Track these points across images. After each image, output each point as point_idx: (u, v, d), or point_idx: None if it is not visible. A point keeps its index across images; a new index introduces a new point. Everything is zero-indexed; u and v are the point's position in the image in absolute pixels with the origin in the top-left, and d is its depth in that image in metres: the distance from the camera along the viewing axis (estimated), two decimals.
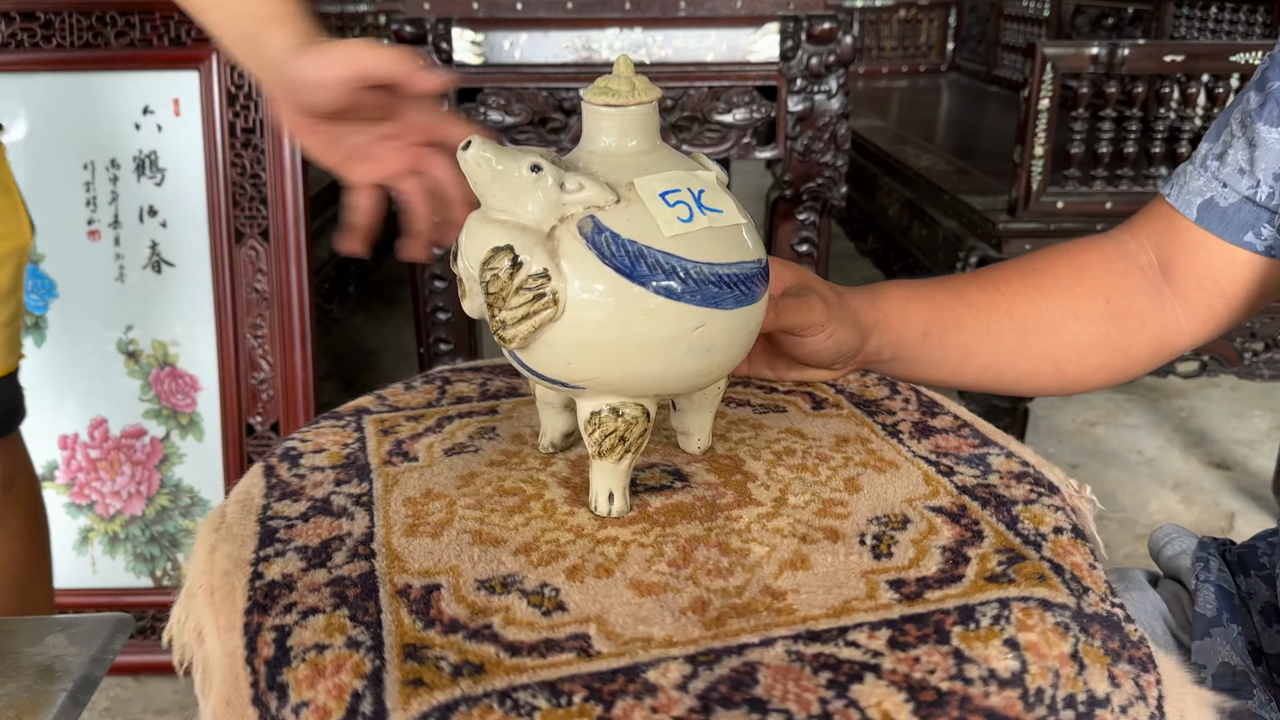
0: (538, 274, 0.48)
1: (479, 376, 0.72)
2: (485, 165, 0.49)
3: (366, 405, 0.67)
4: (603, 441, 0.53)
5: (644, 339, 0.50)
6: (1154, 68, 1.39)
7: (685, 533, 0.54)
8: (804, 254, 1.52)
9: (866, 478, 0.61)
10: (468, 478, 0.58)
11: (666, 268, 0.49)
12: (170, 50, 1.26)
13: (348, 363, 2.34)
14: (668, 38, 1.41)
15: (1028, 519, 0.57)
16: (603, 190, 0.49)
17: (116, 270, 1.29)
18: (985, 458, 0.64)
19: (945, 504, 0.58)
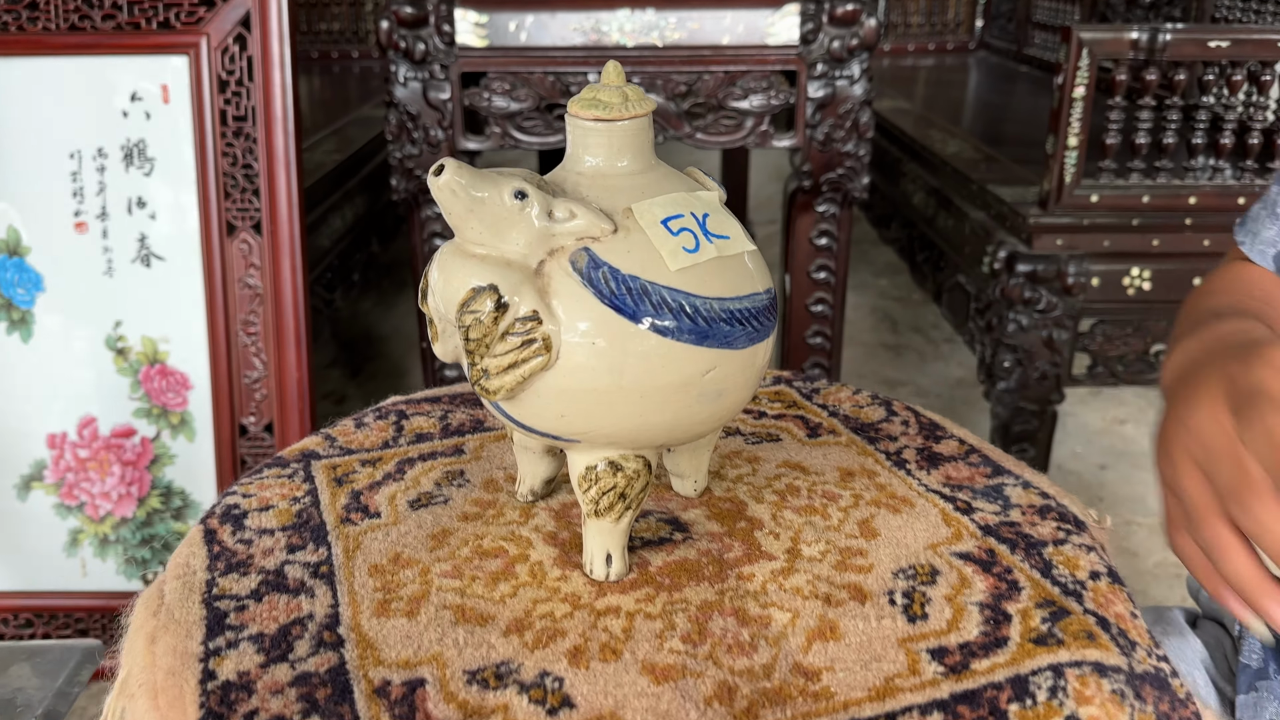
0: (526, 317, 0.42)
1: (438, 408, 0.67)
2: (461, 193, 0.42)
3: (314, 448, 0.61)
4: (600, 499, 0.47)
5: (648, 387, 0.44)
6: (1197, 54, 1.31)
7: (695, 598, 0.48)
8: (823, 247, 1.45)
9: (882, 519, 0.55)
10: (440, 537, 0.52)
11: (673, 306, 0.43)
12: (159, 34, 1.20)
13: (355, 349, 2.29)
14: (681, 20, 1.34)
15: (1061, 563, 0.53)
16: (597, 218, 0.43)
17: (104, 264, 1.24)
18: (1002, 489, 0.60)
19: (972, 549, 0.53)
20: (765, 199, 3.35)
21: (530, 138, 1.37)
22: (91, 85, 1.21)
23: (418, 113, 1.36)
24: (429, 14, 1.32)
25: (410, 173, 1.40)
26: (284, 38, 1.19)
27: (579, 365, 0.43)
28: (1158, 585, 1.49)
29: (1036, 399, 1.45)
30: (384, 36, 1.33)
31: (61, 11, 1.20)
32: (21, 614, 1.28)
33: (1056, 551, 0.54)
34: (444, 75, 1.35)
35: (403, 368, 2.19)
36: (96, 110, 1.21)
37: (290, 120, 1.21)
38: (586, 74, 1.34)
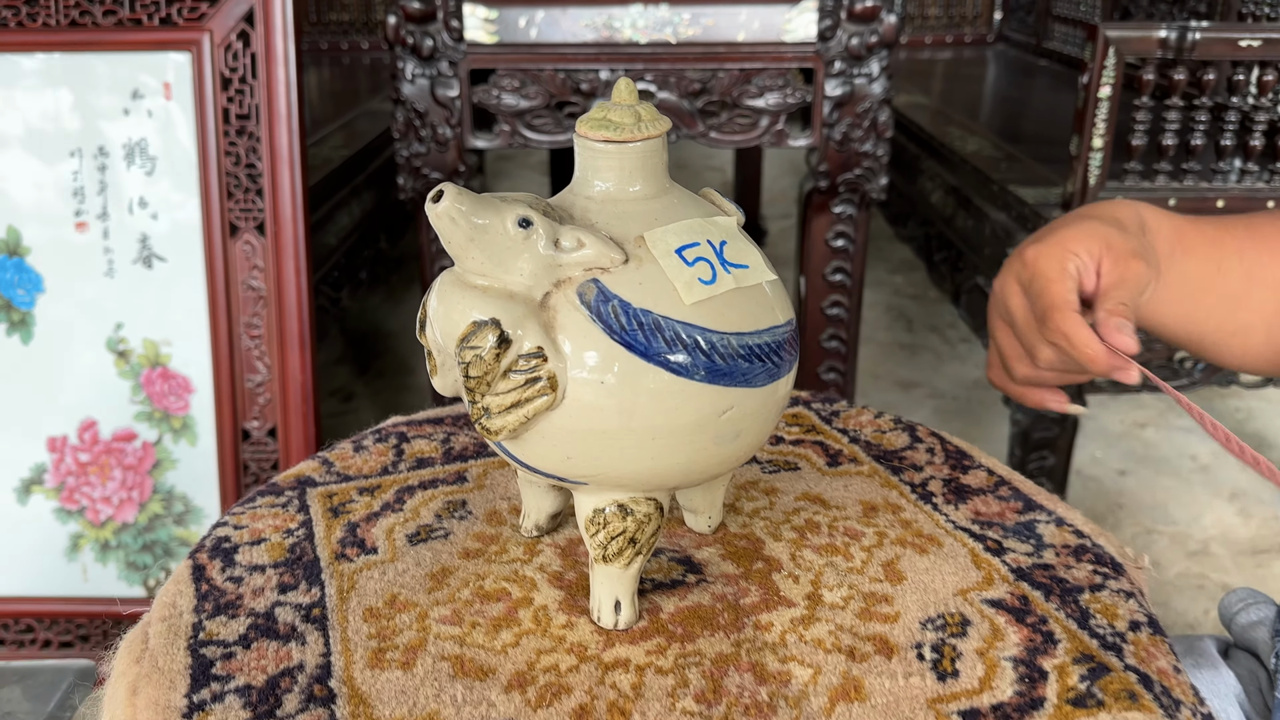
0: (530, 353, 0.40)
1: (440, 430, 0.64)
2: (461, 220, 0.39)
3: (310, 474, 0.58)
4: (608, 544, 0.44)
5: (661, 428, 0.41)
6: (1228, 53, 1.27)
7: (709, 650, 0.45)
8: (839, 249, 1.42)
9: (908, 561, 0.52)
10: (439, 576, 0.49)
11: (688, 342, 0.40)
12: (161, 30, 1.17)
13: (362, 346, 2.26)
14: (696, 15, 1.31)
15: (1099, 611, 0.49)
16: (607, 247, 0.40)
17: (106, 264, 1.21)
18: (1034, 526, 0.56)
19: (1004, 596, 0.50)
20: (779, 193, 3.32)
21: (540, 136, 1.34)
22: (92, 82, 1.18)
23: (425, 110, 1.33)
24: (437, 9, 1.29)
25: (417, 171, 1.37)
26: (288, 34, 1.17)
27: (587, 405, 0.40)
28: (1180, 597, 1.46)
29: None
30: (391, 32, 1.30)
31: (62, 7, 1.17)
32: (22, 619, 1.26)
33: (1094, 598, 0.51)
34: (452, 72, 1.32)
35: (410, 364, 2.17)
36: (97, 108, 1.19)
37: (295, 118, 1.18)
38: (598, 71, 1.31)
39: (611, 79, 1.31)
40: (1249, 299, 0.65)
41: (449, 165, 1.36)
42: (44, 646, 1.26)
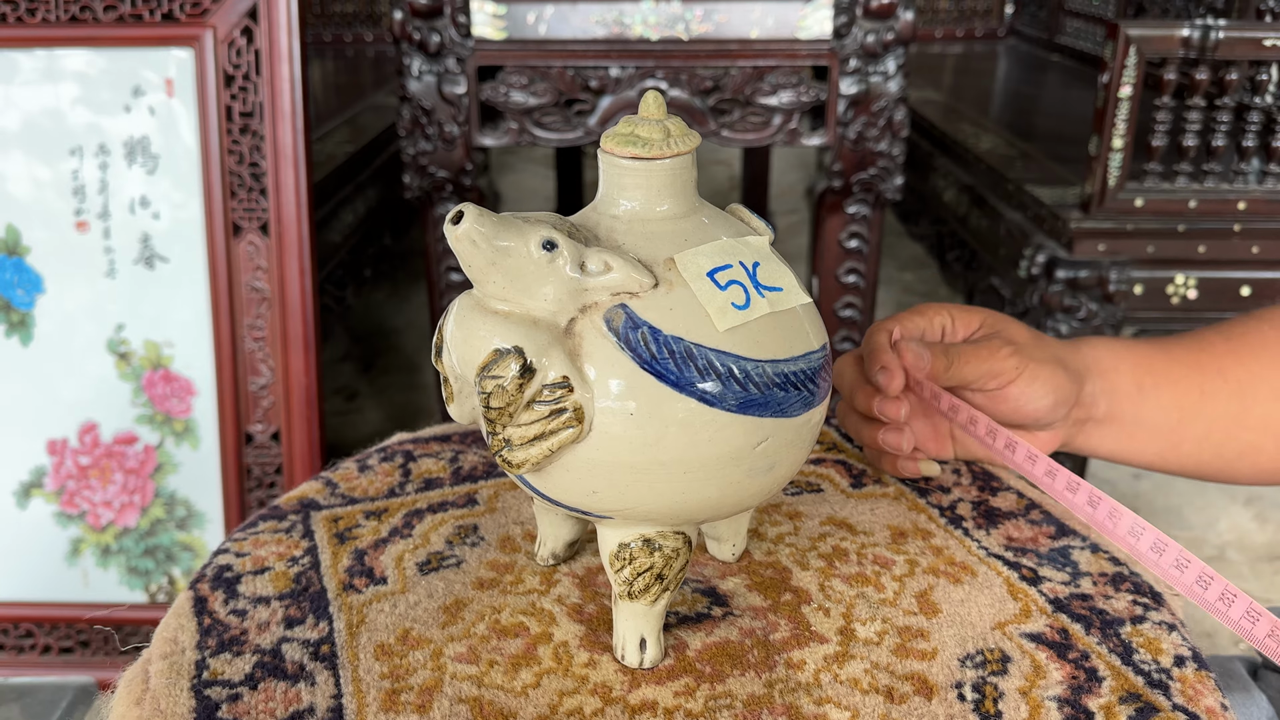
0: (555, 383, 0.37)
1: (448, 449, 0.61)
2: (483, 243, 0.37)
3: (314, 496, 0.56)
4: (634, 581, 0.42)
5: (692, 461, 0.38)
6: (1251, 52, 1.24)
7: (740, 691, 0.43)
8: (853, 250, 1.39)
9: (942, 591, 0.50)
10: (453, 609, 0.47)
11: (722, 371, 0.38)
12: (163, 26, 1.15)
13: (367, 343, 2.24)
14: (708, 12, 1.28)
15: (1141, 645, 0.48)
16: (635, 271, 0.38)
17: (106, 264, 1.19)
18: (1068, 553, 0.54)
19: (1043, 629, 0.48)
20: (786, 187, 3.29)
21: (549, 134, 1.32)
22: (93, 79, 1.16)
23: (432, 107, 1.31)
24: (444, 4, 1.26)
25: (424, 169, 1.34)
26: (293, 30, 1.14)
27: (614, 438, 0.38)
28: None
29: None
30: (397, 28, 1.27)
31: (62, 3, 1.15)
32: (22, 624, 1.24)
33: (1135, 631, 0.48)
34: (460, 69, 1.29)
35: (415, 362, 2.15)
36: (98, 105, 1.16)
37: (299, 116, 1.15)
38: (608, 68, 1.29)
39: (622, 76, 1.29)
40: (1247, 417, 0.62)
41: (456, 163, 1.34)
42: (44, 652, 1.24)
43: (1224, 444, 0.62)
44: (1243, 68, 1.28)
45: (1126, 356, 0.62)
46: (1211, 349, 0.63)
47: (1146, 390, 0.61)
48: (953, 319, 0.60)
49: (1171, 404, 0.61)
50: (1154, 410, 0.61)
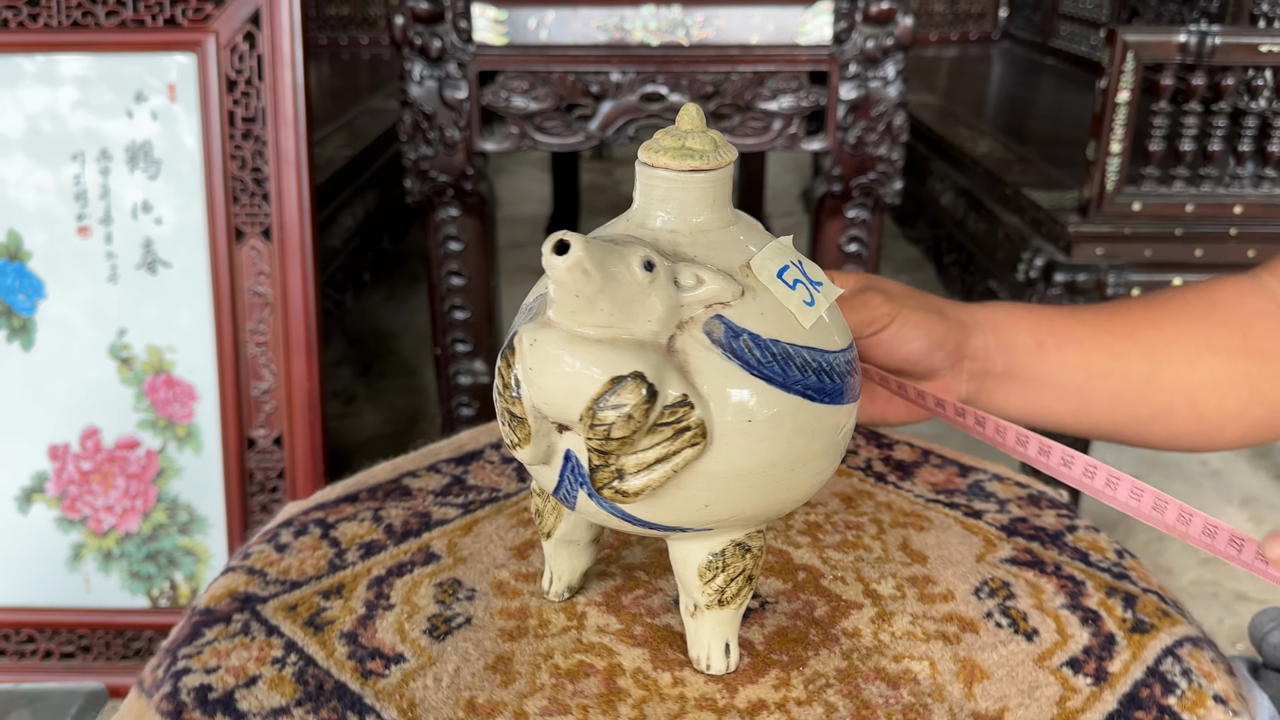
0: (676, 403, 0.36)
1: (364, 508, 0.57)
2: (595, 271, 0.35)
3: (245, 589, 0.50)
4: (727, 587, 0.42)
5: (798, 458, 0.39)
6: (1248, 58, 1.25)
7: (826, 669, 0.45)
8: (852, 254, 1.40)
9: (918, 540, 0.55)
10: (501, 665, 0.45)
11: (815, 366, 0.39)
12: (165, 31, 1.15)
13: (364, 346, 2.24)
14: (709, 17, 1.29)
15: (1090, 549, 0.55)
16: (726, 282, 0.38)
17: (108, 269, 1.19)
18: (982, 486, 0.61)
19: (1014, 554, 0.54)
20: (781, 190, 3.30)
21: (550, 139, 1.32)
22: (95, 84, 1.16)
23: (433, 112, 1.31)
24: (446, 10, 1.26)
25: (425, 174, 1.35)
26: (295, 35, 1.14)
27: (732, 447, 0.38)
28: (1193, 604, 1.45)
29: None
30: (399, 33, 1.28)
31: (64, 8, 1.15)
32: (23, 629, 1.24)
33: (1077, 539, 0.55)
34: (461, 74, 1.29)
35: (413, 365, 2.15)
36: (100, 110, 1.16)
37: (302, 122, 1.15)
38: (609, 73, 1.29)
39: (623, 81, 1.29)
40: (1159, 379, 0.62)
41: (457, 168, 1.34)
42: (45, 658, 1.24)
43: (1136, 405, 0.63)
44: (1238, 73, 1.29)
45: (1026, 316, 0.63)
46: (1126, 314, 0.64)
47: (1048, 349, 0.61)
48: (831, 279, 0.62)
49: (1077, 364, 0.62)
50: (1057, 369, 0.62)
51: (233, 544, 1.23)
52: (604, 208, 3.18)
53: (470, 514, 0.57)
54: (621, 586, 0.50)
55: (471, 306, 1.44)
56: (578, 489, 0.40)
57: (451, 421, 1.48)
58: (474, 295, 1.43)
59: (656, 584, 0.50)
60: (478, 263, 1.42)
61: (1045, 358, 0.62)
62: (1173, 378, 0.62)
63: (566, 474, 0.40)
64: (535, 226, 2.95)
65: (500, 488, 0.59)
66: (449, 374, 1.48)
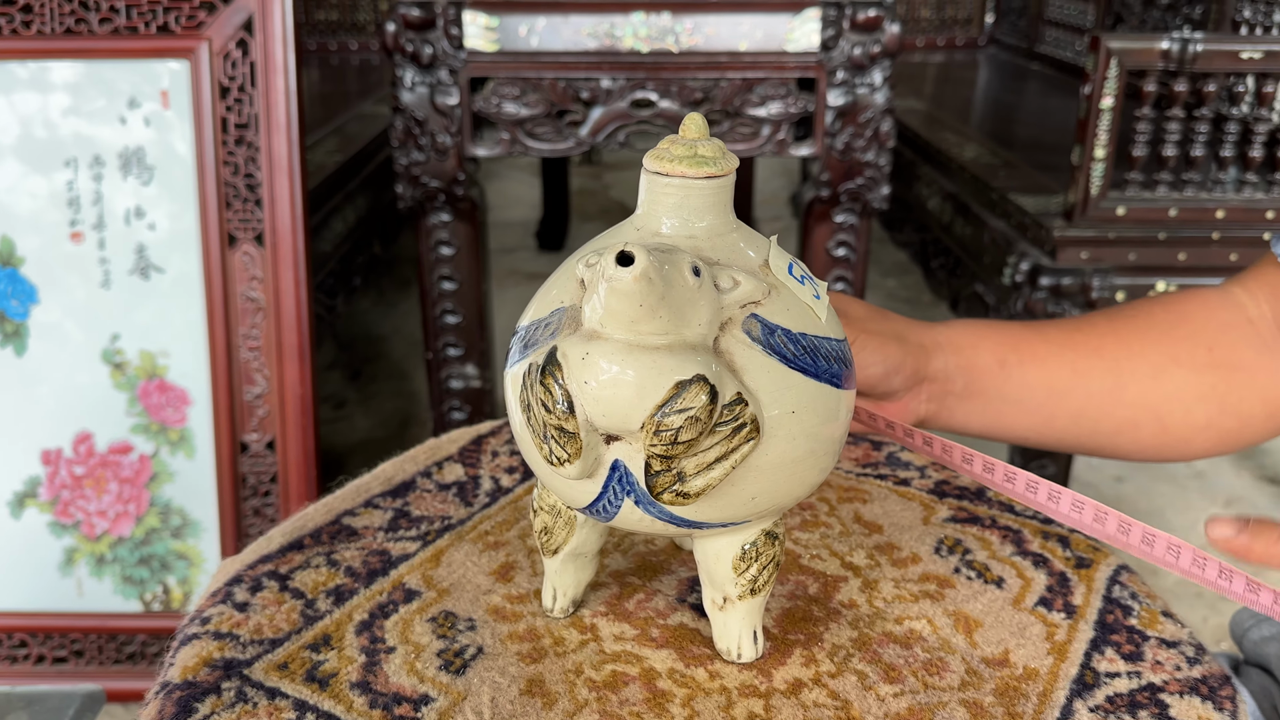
0: (733, 401, 0.37)
1: (314, 555, 0.55)
2: (658, 280, 0.36)
3: (221, 655, 0.48)
4: (759, 576, 0.44)
5: (832, 440, 0.42)
6: (1229, 65, 1.27)
7: (842, 640, 0.48)
8: (840, 258, 1.41)
9: (867, 510, 0.59)
10: (536, 689, 0.45)
11: (834, 355, 0.42)
12: (158, 38, 1.16)
13: (354, 351, 2.24)
14: (698, 24, 1.30)
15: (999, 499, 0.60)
16: (758, 282, 0.40)
17: (101, 275, 1.19)
18: (898, 458, 0.65)
19: (950, 513, 0.59)
20: (769, 195, 3.32)
21: (540, 144, 1.33)
22: (88, 91, 1.17)
23: (424, 118, 1.32)
24: (437, 17, 1.27)
25: (416, 180, 1.35)
26: (288, 42, 1.15)
27: (779, 439, 0.39)
28: (1178, 604, 1.46)
29: None
30: (390, 40, 1.29)
31: (57, 15, 1.15)
32: (15, 634, 1.24)
33: (996, 495, 0.61)
34: (452, 80, 1.30)
35: (403, 370, 2.15)
36: (93, 117, 1.17)
37: (294, 127, 1.16)
38: (599, 79, 1.30)
39: (613, 87, 1.31)
40: (1123, 394, 0.63)
41: (448, 173, 1.35)
42: (38, 662, 1.24)
43: (1100, 420, 0.63)
44: (1220, 79, 1.30)
45: (989, 335, 0.63)
46: (1091, 329, 0.64)
47: (1010, 366, 0.62)
48: None
49: (1039, 381, 0.62)
50: (1019, 387, 0.62)
51: (225, 548, 1.23)
52: (594, 212, 3.19)
53: (430, 545, 0.56)
54: (620, 594, 0.51)
55: (463, 311, 1.45)
56: (623, 498, 0.40)
57: (444, 425, 1.49)
58: (465, 299, 1.44)
59: (652, 587, 0.51)
60: (469, 267, 1.43)
61: (1007, 376, 0.62)
62: (1137, 392, 0.63)
63: (612, 484, 0.40)
64: (525, 231, 2.96)
65: (450, 515, 0.58)
66: (440, 378, 1.48)
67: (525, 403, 0.40)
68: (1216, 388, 0.63)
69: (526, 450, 0.42)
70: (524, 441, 0.42)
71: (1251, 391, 0.64)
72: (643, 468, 0.38)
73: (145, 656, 1.25)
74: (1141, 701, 0.45)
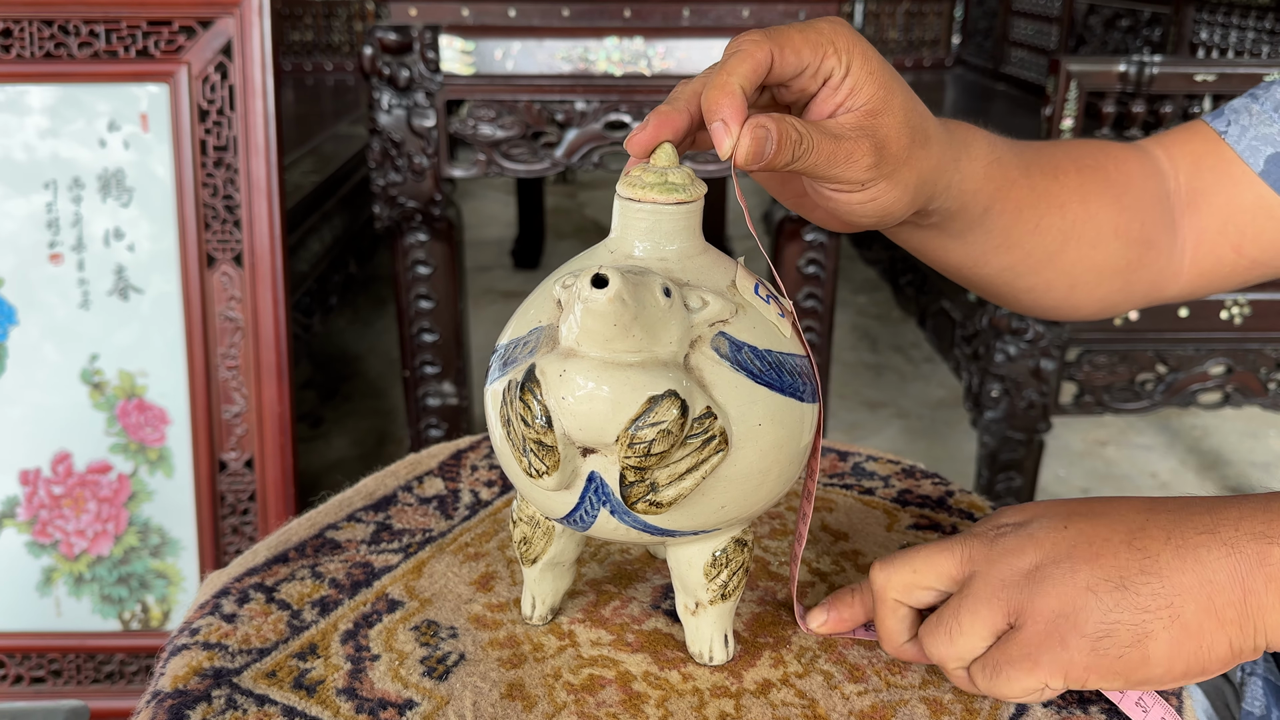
0: (702, 415, 0.40)
1: (300, 567, 0.56)
2: (631, 301, 0.38)
3: (211, 665, 0.49)
4: (729, 581, 0.46)
5: (795, 450, 0.44)
6: (1184, 87, 1.31)
7: (809, 642, 0.50)
8: (811, 276, 1.44)
9: (832, 518, 0.61)
10: (516, 692, 0.47)
11: (798, 370, 0.44)
12: (137, 62, 1.17)
13: (330, 369, 2.25)
14: (670, 49, 1.33)
15: (970, 507, 0.62)
16: (725, 302, 0.42)
17: (80, 296, 1.20)
18: (864, 468, 0.68)
19: (915, 520, 0.61)
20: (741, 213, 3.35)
21: (516, 165, 1.36)
22: (68, 114, 1.18)
23: (401, 140, 1.34)
24: (414, 41, 1.30)
25: (394, 200, 1.37)
26: (266, 66, 1.17)
27: (746, 450, 0.42)
28: None
29: (1024, 428, 1.45)
30: (368, 63, 1.31)
31: (37, 40, 1.17)
32: None
33: (956, 500, 0.63)
34: (429, 102, 1.32)
35: (379, 388, 2.17)
36: (73, 139, 1.18)
37: (273, 150, 1.18)
38: (574, 102, 1.33)
39: (587, 110, 1.33)
40: (1062, 258, 0.60)
41: (425, 194, 1.37)
42: (15, 682, 1.24)
43: (1026, 276, 0.61)
44: (1178, 100, 1.34)
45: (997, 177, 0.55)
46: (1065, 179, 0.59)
47: (991, 216, 0.56)
48: (827, 69, 0.46)
49: (1001, 230, 0.57)
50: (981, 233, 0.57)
51: (204, 566, 1.24)
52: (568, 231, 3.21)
53: (412, 557, 0.57)
54: (596, 602, 0.53)
55: (440, 329, 1.46)
56: (599, 508, 0.42)
57: (421, 442, 1.50)
58: (442, 318, 1.46)
59: (627, 594, 0.53)
60: (446, 286, 1.45)
61: (983, 223, 0.57)
62: (1075, 258, 0.60)
63: (588, 495, 0.42)
64: (501, 250, 2.98)
65: (431, 527, 0.60)
66: (418, 396, 1.50)
67: (505, 418, 0.42)
68: (1132, 263, 0.62)
69: (506, 463, 0.44)
70: (504, 455, 0.43)
71: (1150, 270, 0.63)
72: (618, 479, 0.40)
73: (124, 675, 1.26)
74: (1090, 697, 0.47)
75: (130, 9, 1.17)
